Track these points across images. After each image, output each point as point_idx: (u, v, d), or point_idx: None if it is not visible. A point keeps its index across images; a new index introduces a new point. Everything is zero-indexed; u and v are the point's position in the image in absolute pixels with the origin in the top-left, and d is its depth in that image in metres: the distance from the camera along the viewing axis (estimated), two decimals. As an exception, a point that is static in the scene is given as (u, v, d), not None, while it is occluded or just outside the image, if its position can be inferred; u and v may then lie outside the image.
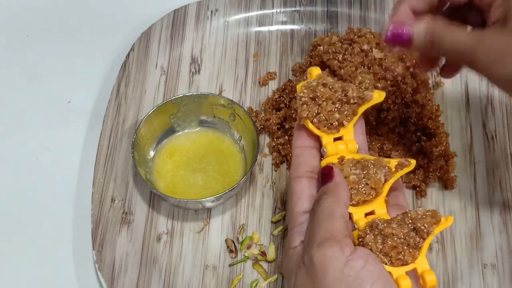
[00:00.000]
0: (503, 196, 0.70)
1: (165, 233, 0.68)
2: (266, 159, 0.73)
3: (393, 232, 0.48)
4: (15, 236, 0.69)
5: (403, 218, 0.49)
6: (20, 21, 0.85)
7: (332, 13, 0.81)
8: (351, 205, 0.52)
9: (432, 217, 0.49)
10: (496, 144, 0.73)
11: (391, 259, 0.48)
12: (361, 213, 0.51)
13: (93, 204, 0.68)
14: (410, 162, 0.53)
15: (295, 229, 0.51)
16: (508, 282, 0.65)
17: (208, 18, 0.81)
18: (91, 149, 0.73)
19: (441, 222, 0.49)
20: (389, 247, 0.48)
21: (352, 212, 0.51)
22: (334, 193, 0.50)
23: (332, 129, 0.55)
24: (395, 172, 0.53)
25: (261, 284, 0.65)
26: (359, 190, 0.52)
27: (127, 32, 0.83)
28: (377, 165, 0.52)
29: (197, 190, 0.69)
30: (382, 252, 0.48)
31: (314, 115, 0.54)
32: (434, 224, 0.49)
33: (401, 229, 0.48)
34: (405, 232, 0.48)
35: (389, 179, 0.52)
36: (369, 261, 0.46)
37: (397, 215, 0.50)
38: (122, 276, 0.65)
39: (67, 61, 0.81)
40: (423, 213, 0.49)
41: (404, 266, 0.48)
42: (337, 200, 0.50)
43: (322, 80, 0.56)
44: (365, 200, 0.52)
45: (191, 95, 0.72)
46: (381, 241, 0.48)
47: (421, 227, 0.48)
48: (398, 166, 0.53)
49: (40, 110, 0.77)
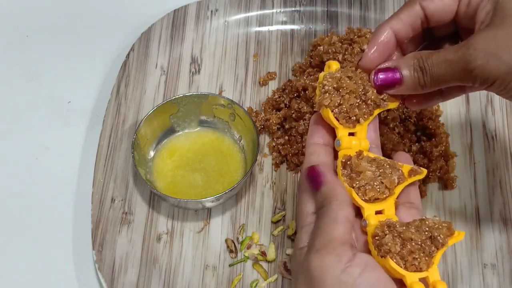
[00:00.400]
0: (503, 196, 0.70)
1: (165, 233, 0.68)
2: (266, 159, 0.73)
3: (412, 237, 0.48)
4: (15, 236, 0.69)
5: (421, 225, 0.49)
6: (20, 21, 0.85)
7: (332, 13, 0.81)
8: (364, 200, 0.51)
9: (447, 229, 0.49)
10: (496, 144, 0.73)
11: (406, 263, 0.48)
12: (372, 210, 0.51)
13: (93, 204, 0.68)
14: (422, 171, 0.53)
15: (303, 229, 0.51)
16: (508, 282, 0.65)
17: (208, 18, 0.81)
18: (91, 149, 0.73)
19: (454, 235, 0.49)
20: (407, 251, 0.48)
21: (364, 207, 0.51)
22: (335, 195, 0.50)
23: (349, 123, 0.54)
24: (408, 177, 0.53)
25: (261, 284, 0.65)
26: (373, 186, 0.51)
27: (127, 32, 0.83)
28: (393, 166, 0.53)
29: (197, 190, 0.69)
30: (399, 255, 0.48)
31: (336, 105, 0.54)
32: (448, 236, 0.49)
33: (419, 236, 0.48)
34: (423, 239, 0.48)
35: (401, 182, 0.52)
36: (367, 268, 0.46)
37: (415, 220, 0.50)
38: (122, 276, 0.65)
39: (67, 61, 0.81)
40: (439, 223, 0.49)
41: (417, 273, 0.48)
42: (340, 202, 0.49)
43: (346, 72, 0.55)
44: (376, 198, 0.52)
45: (191, 95, 0.72)
46: (400, 243, 0.48)
47: (437, 237, 0.48)
48: (411, 172, 0.53)
49: (40, 110, 0.77)
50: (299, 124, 0.71)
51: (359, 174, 0.52)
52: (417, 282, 0.47)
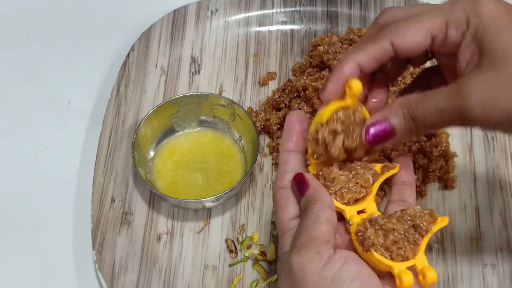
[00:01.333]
0: (503, 196, 0.70)
1: (165, 233, 0.68)
2: (266, 159, 0.73)
3: (394, 227, 0.48)
4: (15, 236, 0.69)
5: (402, 215, 0.49)
6: (20, 21, 0.85)
7: (332, 13, 0.81)
8: (344, 203, 0.52)
9: (430, 216, 0.49)
10: (496, 144, 0.73)
11: (391, 254, 0.48)
12: (354, 211, 0.52)
13: (93, 204, 0.68)
14: (395, 165, 0.54)
15: (286, 235, 0.51)
16: (508, 282, 0.65)
17: (208, 18, 0.81)
18: (91, 149, 0.73)
19: (438, 221, 0.49)
20: (390, 242, 0.48)
21: (345, 210, 0.52)
22: (318, 198, 0.50)
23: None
24: (382, 174, 0.53)
25: (261, 284, 0.65)
26: (349, 188, 0.52)
27: (127, 32, 0.83)
28: (364, 167, 0.53)
29: (197, 190, 0.69)
30: (383, 247, 0.48)
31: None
32: (431, 223, 0.49)
33: (401, 225, 0.49)
34: (405, 228, 0.49)
35: (376, 179, 0.53)
36: (347, 261, 0.46)
37: (395, 212, 0.50)
38: (122, 276, 0.65)
39: (67, 61, 0.81)
40: (421, 211, 0.50)
41: (404, 262, 0.48)
42: (322, 204, 0.49)
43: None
44: (356, 199, 0.52)
45: (191, 95, 0.72)
46: (382, 235, 0.48)
47: (420, 225, 0.49)
48: (384, 168, 0.53)
49: (40, 110, 0.77)
50: (299, 124, 0.71)
51: (333, 180, 0.52)
52: (405, 270, 0.47)
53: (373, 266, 0.48)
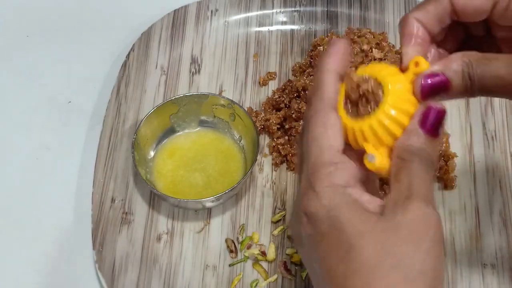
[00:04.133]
0: (503, 196, 0.70)
1: (165, 233, 0.68)
2: (266, 159, 0.73)
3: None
4: (15, 236, 0.69)
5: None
6: (20, 21, 0.85)
7: (332, 13, 0.81)
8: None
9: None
10: (496, 144, 0.73)
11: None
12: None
13: (93, 204, 0.68)
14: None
15: (322, 171, 0.44)
16: (508, 282, 0.65)
17: (208, 18, 0.81)
18: (91, 149, 0.73)
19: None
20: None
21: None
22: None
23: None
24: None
25: (261, 284, 0.65)
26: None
27: (127, 32, 0.83)
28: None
29: (197, 190, 0.69)
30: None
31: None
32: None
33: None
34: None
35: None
36: (407, 202, 0.42)
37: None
38: (122, 276, 0.65)
39: (67, 61, 0.81)
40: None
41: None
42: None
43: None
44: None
45: (191, 95, 0.72)
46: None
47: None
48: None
49: (40, 110, 0.77)
50: (299, 124, 0.71)
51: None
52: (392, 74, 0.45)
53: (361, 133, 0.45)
